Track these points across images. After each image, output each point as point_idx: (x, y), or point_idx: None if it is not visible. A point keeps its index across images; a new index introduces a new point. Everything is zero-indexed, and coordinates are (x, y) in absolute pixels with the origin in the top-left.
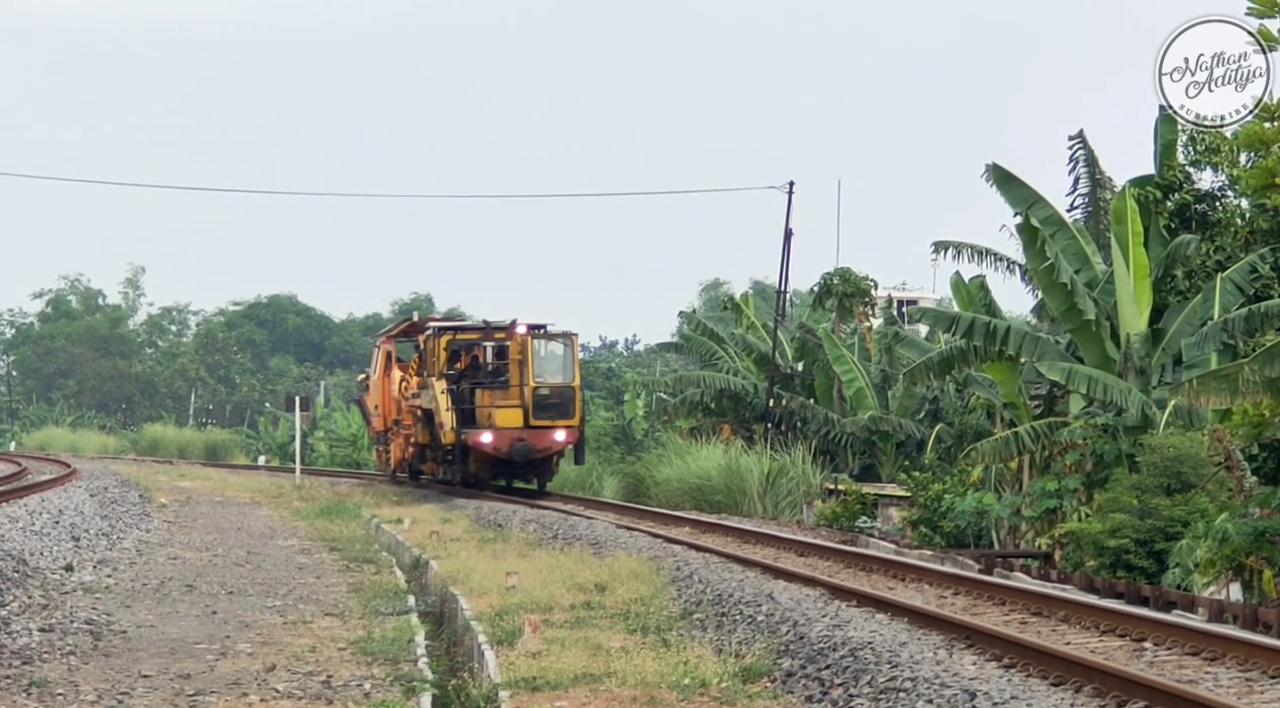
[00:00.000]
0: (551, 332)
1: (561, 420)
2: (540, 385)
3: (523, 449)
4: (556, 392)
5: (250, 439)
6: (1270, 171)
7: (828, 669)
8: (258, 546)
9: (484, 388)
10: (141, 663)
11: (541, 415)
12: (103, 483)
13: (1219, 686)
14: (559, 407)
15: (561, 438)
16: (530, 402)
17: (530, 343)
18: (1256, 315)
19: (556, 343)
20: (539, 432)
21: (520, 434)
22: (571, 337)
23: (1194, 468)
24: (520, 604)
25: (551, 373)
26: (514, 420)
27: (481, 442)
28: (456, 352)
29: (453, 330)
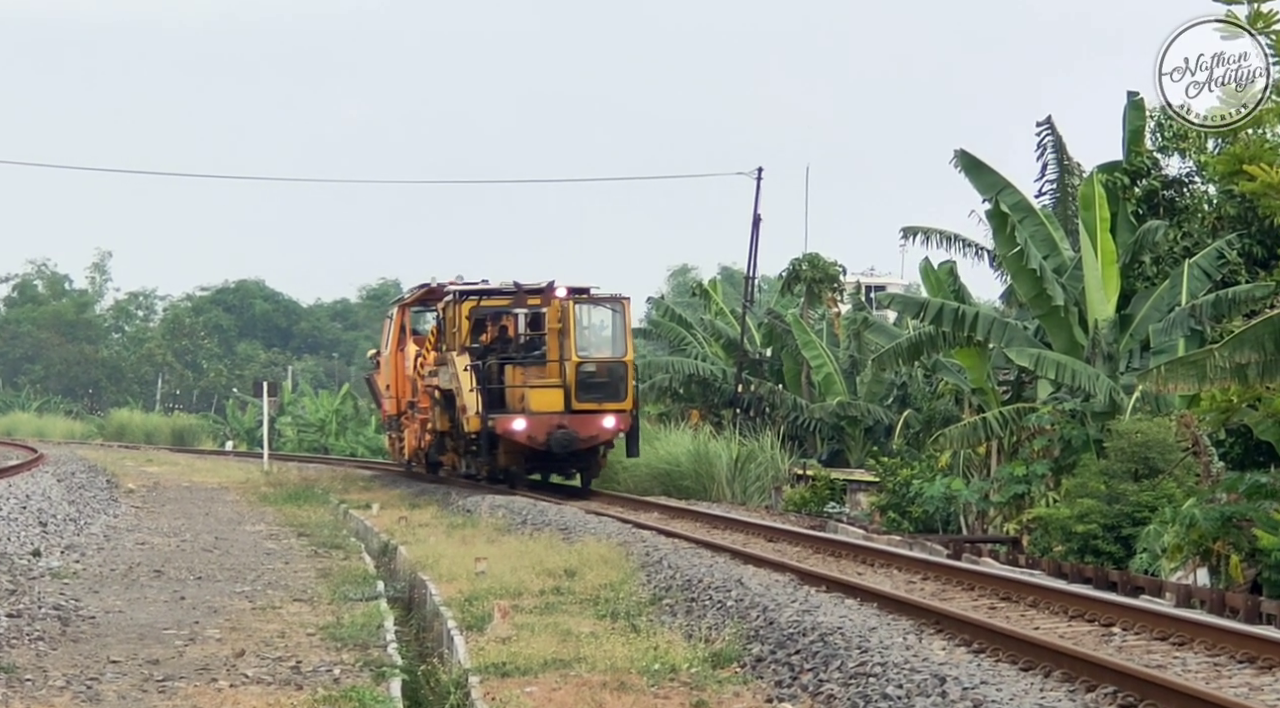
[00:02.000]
0: (598, 294)
1: (610, 403)
2: (585, 360)
3: (563, 438)
4: (604, 368)
5: (218, 424)
6: (1237, 158)
7: (798, 654)
8: (226, 531)
9: (515, 364)
10: (110, 648)
11: (586, 397)
12: (70, 468)
13: (1187, 670)
14: (607, 387)
15: (611, 425)
16: (573, 380)
17: (572, 309)
18: (1224, 301)
19: (604, 308)
20: (583, 417)
21: (560, 420)
22: (623, 301)
23: (1161, 454)
24: (489, 590)
25: (598, 345)
26: (552, 403)
27: (513, 430)
28: (482, 321)
29: (477, 295)
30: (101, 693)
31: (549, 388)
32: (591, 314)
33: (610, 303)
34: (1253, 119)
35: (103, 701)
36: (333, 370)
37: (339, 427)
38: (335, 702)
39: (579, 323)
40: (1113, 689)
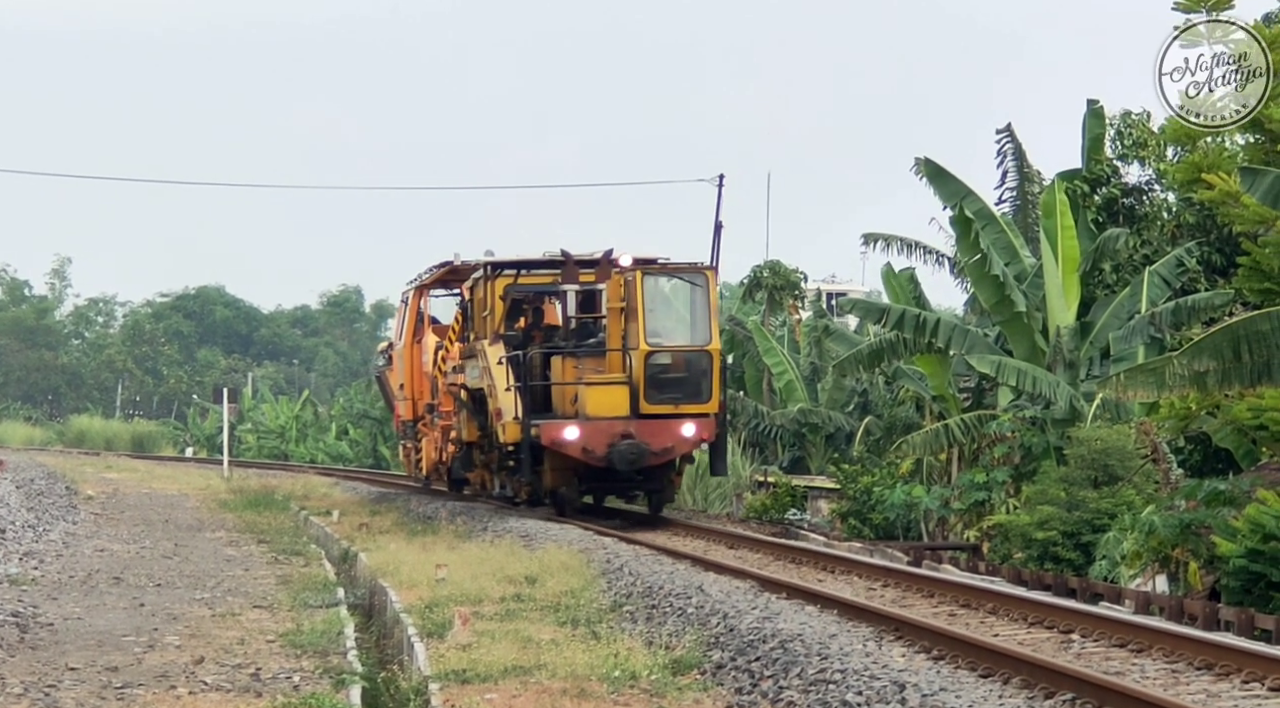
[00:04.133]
0: (673, 264)
1: (691, 405)
2: (657, 349)
3: (629, 451)
4: (682, 359)
5: (178, 431)
6: (1197, 166)
7: (758, 661)
8: (185, 538)
9: (565, 355)
10: (69, 655)
11: (659, 397)
12: (29, 475)
13: (1145, 677)
14: (686, 383)
15: (690, 433)
16: (641, 376)
17: (641, 283)
18: (1183, 309)
19: (681, 282)
20: (655, 423)
21: (625, 427)
22: (705, 272)
23: (1121, 461)
24: (450, 597)
25: (674, 330)
26: (615, 406)
27: (563, 440)
28: (520, 302)
29: (514, 270)
30: (60, 701)
31: (610, 386)
32: (665, 290)
33: (690, 274)
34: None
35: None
36: (293, 377)
37: (299, 433)
38: None
39: (649, 301)
40: (1071, 696)
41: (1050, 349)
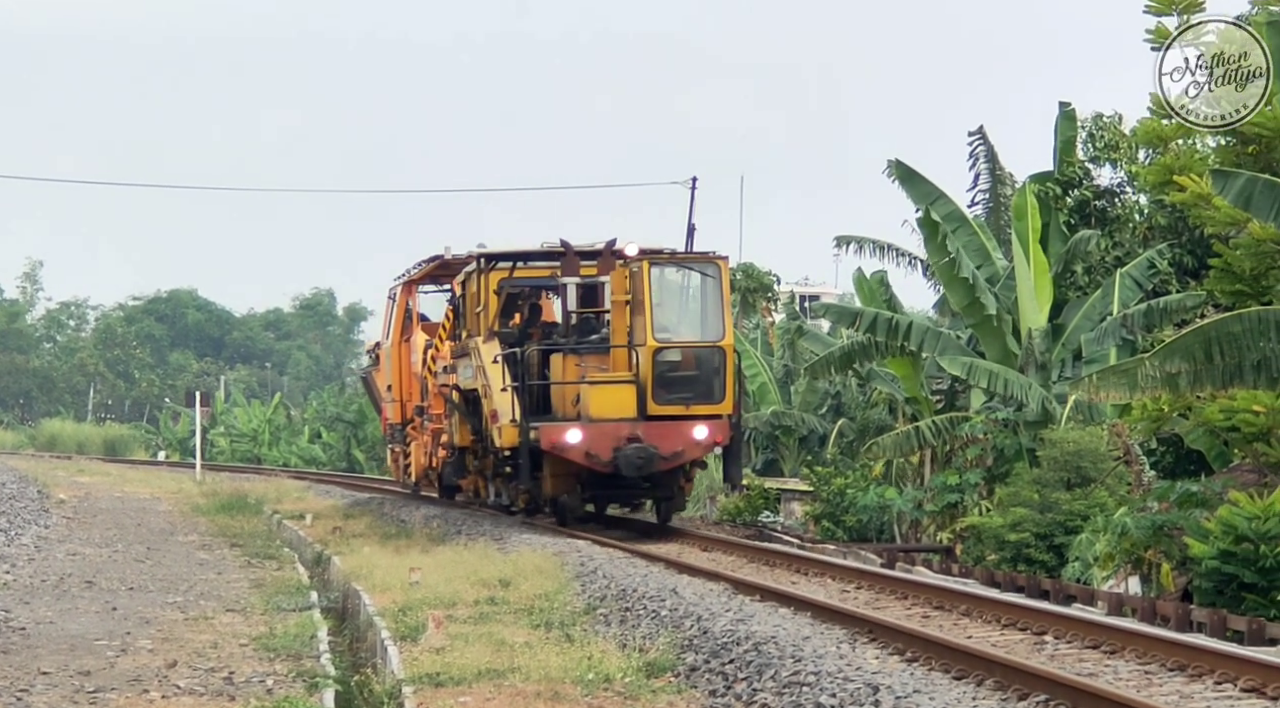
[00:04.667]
0: (683, 255)
1: (702, 405)
2: (666, 345)
3: (636, 456)
4: (693, 356)
5: (150, 434)
6: (1168, 168)
7: (731, 664)
8: (158, 541)
9: (566, 353)
10: (41, 660)
11: (668, 397)
12: (0, 479)
13: (1119, 678)
14: (698, 382)
15: (703, 436)
16: (649, 374)
17: (648, 274)
18: (1155, 311)
19: (691, 273)
20: (665, 426)
21: (632, 430)
22: (718, 262)
23: (1093, 462)
24: (424, 600)
25: (685, 324)
26: (621, 406)
27: (565, 444)
28: (515, 297)
29: (509, 262)
30: (32, 705)
31: (615, 385)
32: (674, 281)
33: (700, 264)
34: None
35: None
36: (265, 380)
37: (272, 437)
38: None
39: (656, 293)
40: (1045, 697)
41: (1022, 351)
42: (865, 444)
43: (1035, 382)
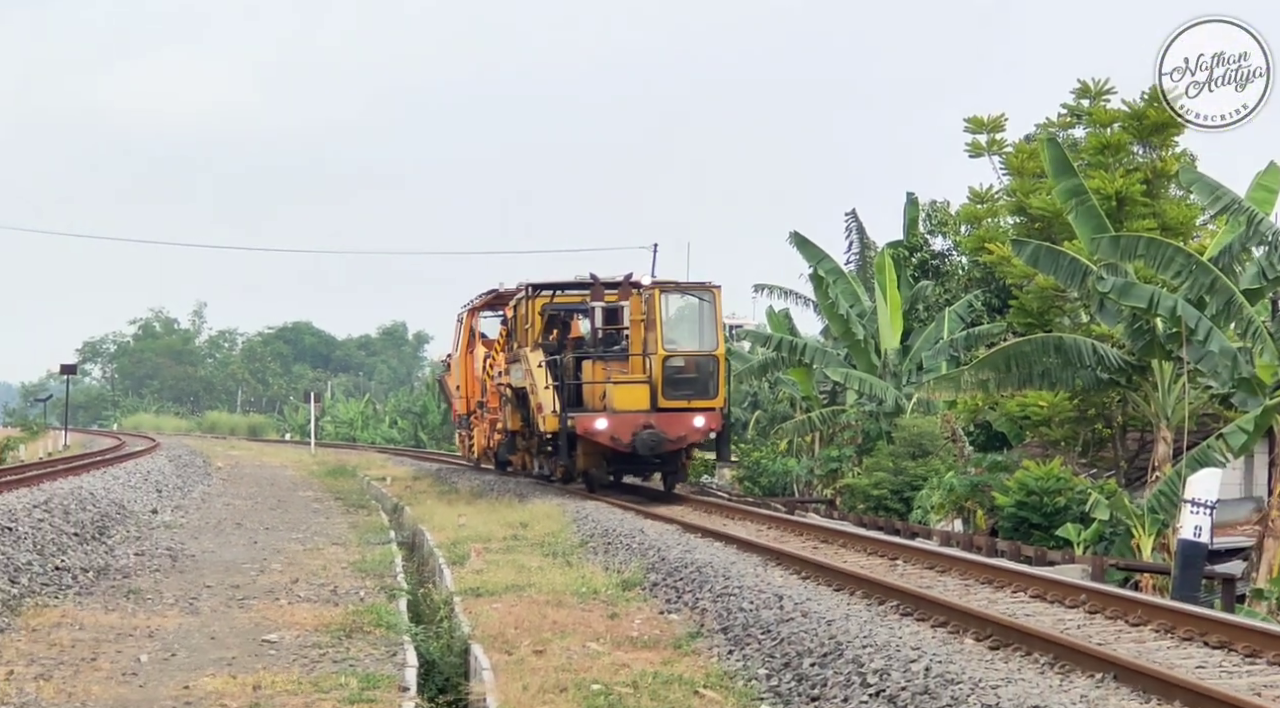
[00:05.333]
0: (685, 283)
1: (700, 401)
2: (672, 354)
3: (650, 439)
4: (693, 363)
5: (279, 422)
6: (981, 239)
7: (681, 581)
8: (285, 496)
9: (594, 360)
10: (205, 577)
11: (674, 394)
12: (177, 453)
13: (946, 590)
14: (696, 382)
15: (700, 424)
16: (659, 376)
17: (659, 299)
18: (972, 337)
19: (691, 298)
20: (671, 416)
21: (647, 419)
22: (713, 290)
23: (931, 441)
24: (468, 537)
25: (686, 338)
26: (637, 401)
27: (595, 429)
28: (554, 318)
29: (550, 291)
30: (199, 608)
31: (633, 384)
32: (679, 304)
33: (699, 292)
34: (1017, 206)
35: (200, 613)
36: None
37: (363, 423)
38: (361, 614)
39: (666, 313)
40: (896, 603)
41: (882, 364)
42: (774, 428)
43: (891, 385)
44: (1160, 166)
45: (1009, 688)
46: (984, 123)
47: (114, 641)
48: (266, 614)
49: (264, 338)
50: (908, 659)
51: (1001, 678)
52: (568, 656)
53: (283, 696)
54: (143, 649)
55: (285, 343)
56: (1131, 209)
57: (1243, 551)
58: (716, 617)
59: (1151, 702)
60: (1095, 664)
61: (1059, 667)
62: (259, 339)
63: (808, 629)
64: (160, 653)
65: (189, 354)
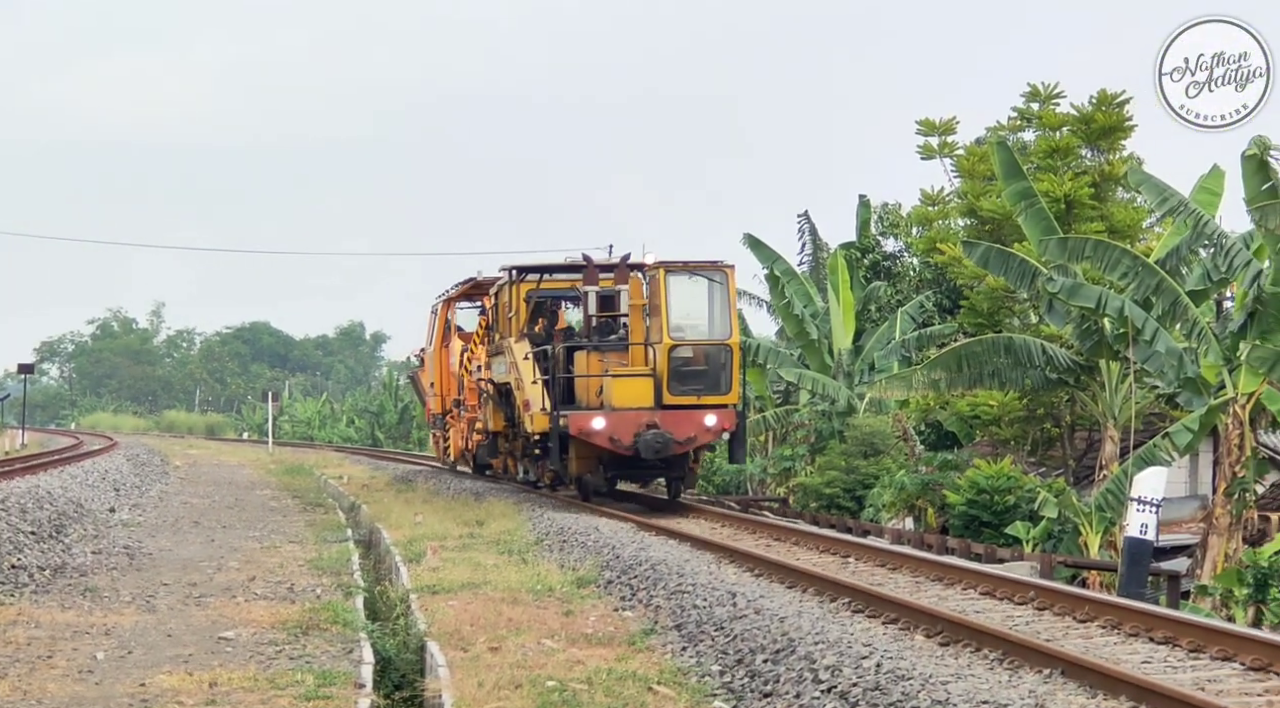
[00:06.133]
0: (694, 262)
1: (711, 396)
2: (680, 343)
3: (655, 441)
4: (702, 353)
5: (237, 420)
6: (932, 240)
7: (636, 578)
8: (242, 494)
9: (589, 351)
10: (162, 575)
11: (682, 389)
12: (135, 451)
13: (898, 587)
14: (707, 376)
15: (712, 423)
16: (664, 369)
17: (663, 281)
18: (924, 338)
19: (700, 279)
20: (678, 414)
21: (650, 418)
22: (725, 270)
23: (882, 440)
24: (424, 535)
25: (695, 325)
26: (640, 397)
27: (591, 430)
28: (542, 304)
29: (537, 274)
30: (156, 606)
31: (634, 378)
32: (686, 287)
33: (709, 271)
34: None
35: (157, 611)
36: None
37: (320, 422)
38: (318, 612)
39: (672, 298)
40: (848, 600)
41: (834, 364)
42: None
43: (843, 385)
44: (1108, 170)
45: (959, 684)
46: (935, 126)
47: (70, 639)
48: (223, 612)
49: (222, 338)
50: (859, 656)
51: (951, 674)
52: (523, 652)
53: (239, 693)
54: (99, 647)
55: (243, 343)
56: (1080, 211)
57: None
58: (670, 614)
59: (1098, 697)
60: (1043, 660)
61: (1008, 663)
62: (217, 339)
63: (761, 626)
64: (117, 651)
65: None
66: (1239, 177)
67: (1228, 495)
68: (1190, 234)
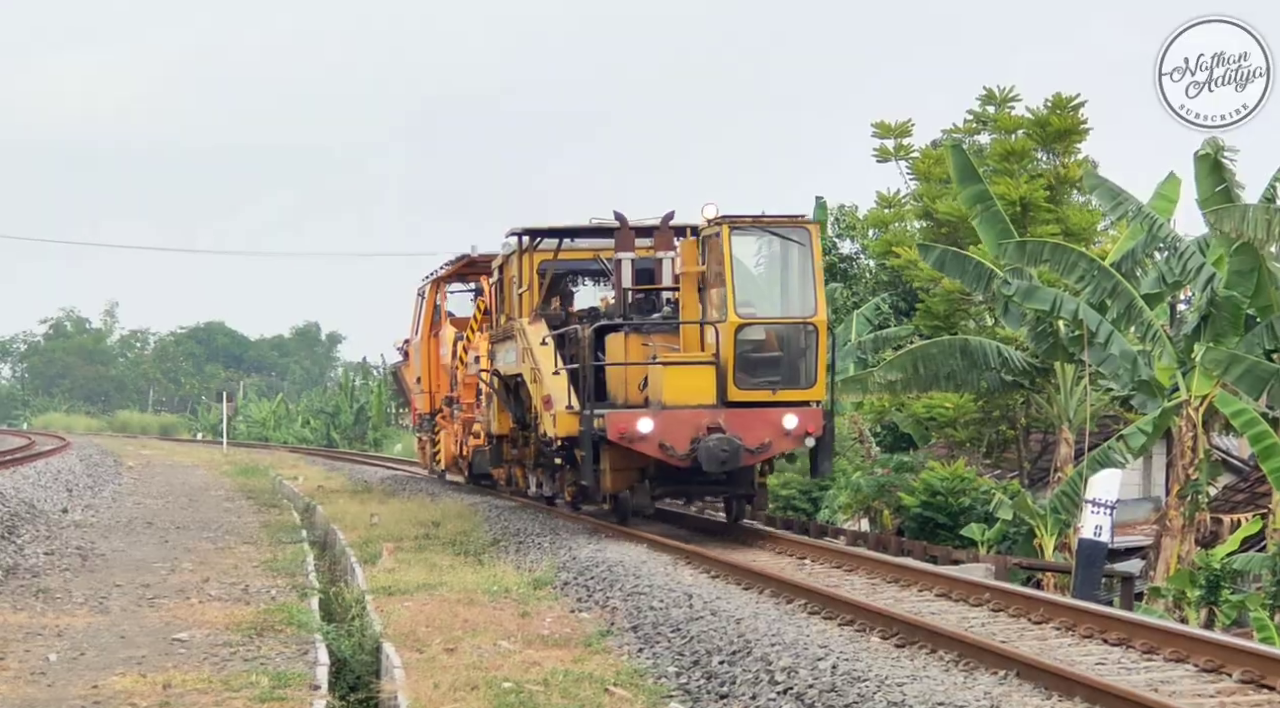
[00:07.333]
0: (767, 217)
1: (791, 391)
2: (749, 322)
3: (719, 449)
4: (778, 335)
5: (191, 421)
6: (888, 242)
7: (592, 580)
8: (196, 495)
9: (627, 332)
10: (115, 576)
11: (752, 381)
12: (88, 452)
13: (854, 589)
14: (785, 365)
15: (792, 426)
16: (730, 355)
17: (727, 241)
18: (880, 339)
19: (775, 238)
20: (749, 414)
21: (713, 418)
22: (808, 228)
23: (838, 442)
24: (380, 535)
25: (770, 298)
26: (698, 392)
27: (637, 434)
28: (560, 278)
29: (555, 239)
30: (109, 607)
31: (692, 367)
32: (757, 249)
33: (786, 229)
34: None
35: (110, 612)
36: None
37: (276, 423)
38: (273, 613)
39: (739, 263)
40: (804, 601)
41: None
42: None
43: None
44: (1063, 173)
45: (914, 686)
46: (891, 128)
47: (22, 640)
48: (177, 613)
49: (176, 338)
50: (815, 657)
51: (907, 675)
52: (479, 654)
53: (193, 694)
54: (51, 649)
55: (198, 343)
56: (1035, 214)
57: (1141, 549)
58: (627, 615)
59: (1053, 698)
60: (998, 662)
61: (963, 664)
62: (171, 339)
63: (717, 628)
64: (69, 652)
65: (100, 354)
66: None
67: (1181, 497)
68: (1145, 238)
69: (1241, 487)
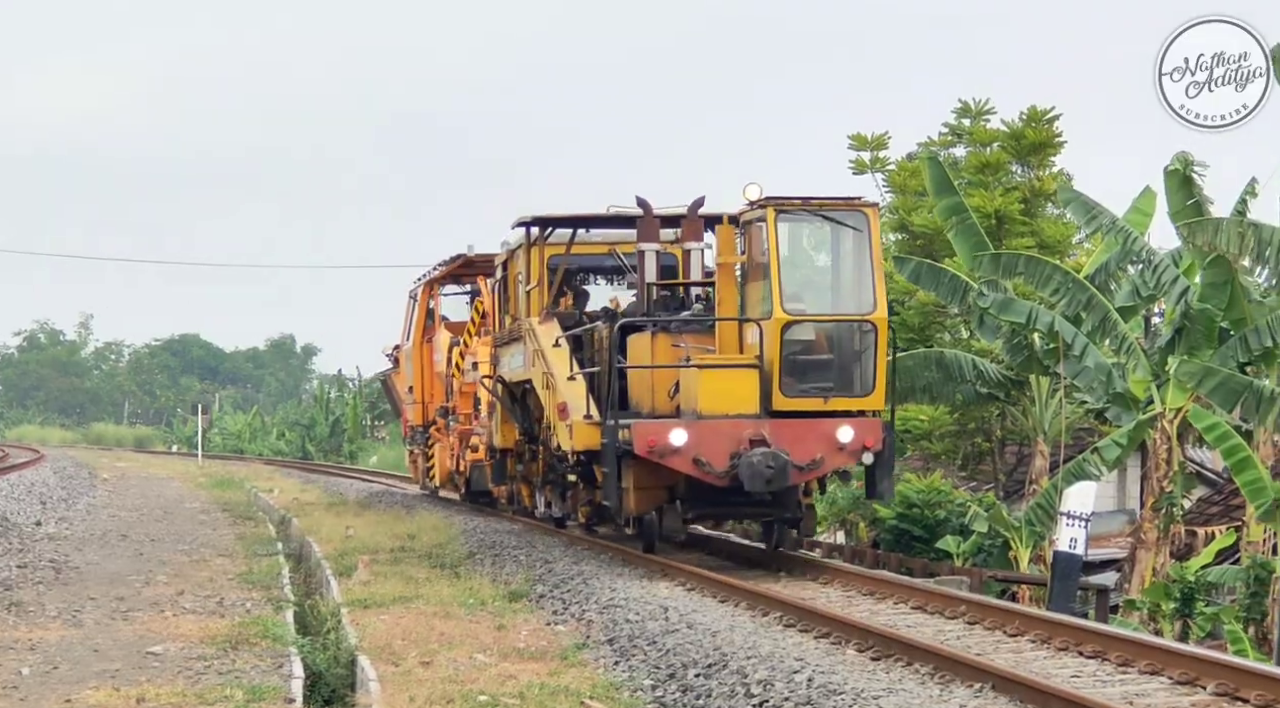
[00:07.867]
0: (818, 199)
1: (845, 398)
2: (798, 319)
3: (764, 465)
4: (831, 336)
5: (166, 433)
6: None
7: (568, 593)
8: (171, 507)
9: (654, 332)
10: (90, 589)
11: (801, 388)
12: (62, 464)
13: (830, 601)
14: (840, 368)
15: (848, 439)
16: (776, 357)
17: (774, 226)
18: None
19: (827, 224)
20: (798, 426)
21: (756, 430)
22: (865, 211)
23: None
24: (355, 548)
25: (822, 292)
26: (739, 399)
27: (669, 447)
28: (571, 274)
29: (569, 229)
30: (83, 620)
31: (731, 370)
32: (806, 236)
33: (842, 213)
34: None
35: (84, 625)
36: (247, 397)
37: (251, 435)
38: (248, 626)
39: (785, 252)
40: (780, 614)
41: None
42: None
43: None
44: (1038, 186)
45: (890, 698)
46: (867, 141)
47: None
48: (151, 626)
49: (151, 350)
50: (791, 670)
51: (883, 688)
52: (455, 667)
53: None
54: (24, 662)
55: (173, 355)
56: (1010, 227)
57: (1116, 562)
58: (603, 628)
59: None
60: (974, 674)
61: (939, 677)
62: (146, 351)
63: (693, 640)
64: (42, 666)
65: (75, 366)
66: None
67: (1155, 510)
68: (1119, 251)
69: (1216, 499)
